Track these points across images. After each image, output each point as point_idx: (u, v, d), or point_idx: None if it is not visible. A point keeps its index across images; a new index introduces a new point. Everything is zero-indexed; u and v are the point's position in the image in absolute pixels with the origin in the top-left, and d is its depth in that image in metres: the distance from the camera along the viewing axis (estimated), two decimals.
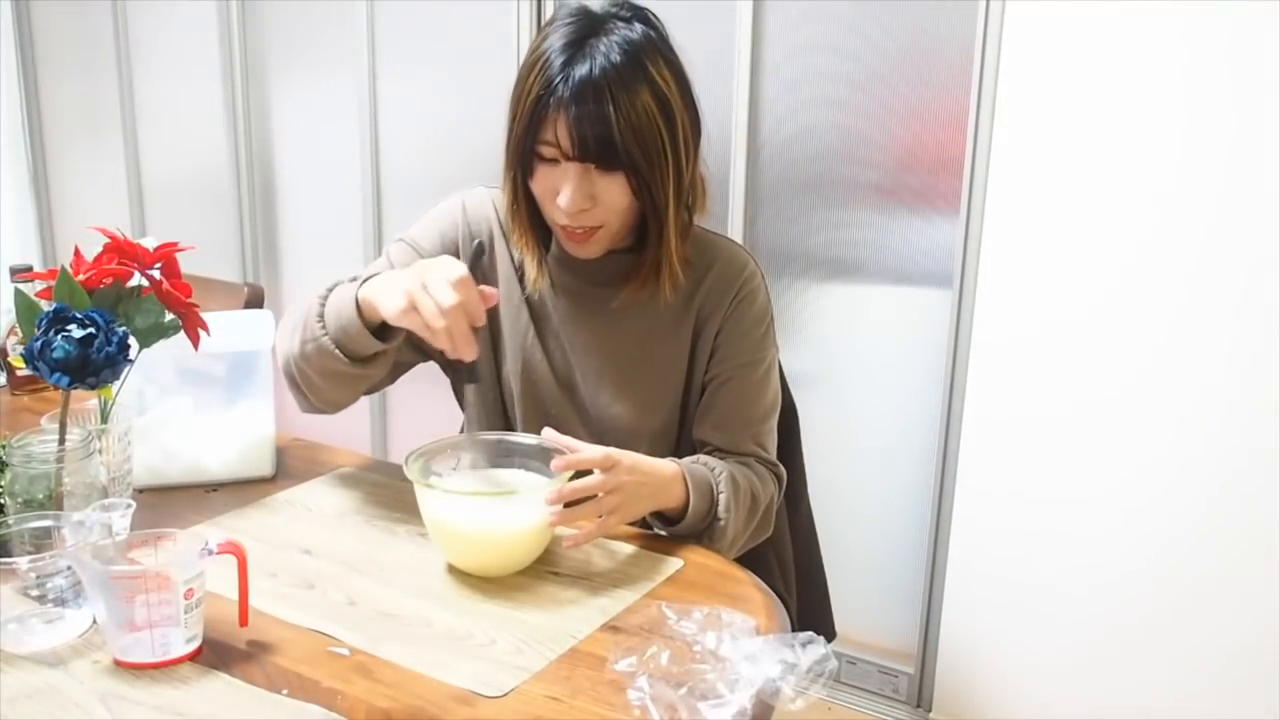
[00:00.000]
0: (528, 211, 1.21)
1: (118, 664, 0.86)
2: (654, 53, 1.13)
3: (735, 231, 2.06)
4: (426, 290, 1.02)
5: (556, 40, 1.12)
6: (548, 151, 1.12)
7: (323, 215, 2.70)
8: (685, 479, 1.13)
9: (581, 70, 1.09)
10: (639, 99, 1.10)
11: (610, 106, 1.09)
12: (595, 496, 1.05)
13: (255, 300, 1.82)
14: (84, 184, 3.14)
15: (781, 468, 1.28)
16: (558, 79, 1.09)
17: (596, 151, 1.10)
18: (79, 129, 3.10)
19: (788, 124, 1.99)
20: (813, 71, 1.95)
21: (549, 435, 1.08)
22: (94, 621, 0.90)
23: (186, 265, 1.07)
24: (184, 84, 2.83)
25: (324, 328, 1.13)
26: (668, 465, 1.14)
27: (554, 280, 1.26)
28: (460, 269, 1.04)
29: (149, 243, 1.03)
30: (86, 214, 3.13)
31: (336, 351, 1.12)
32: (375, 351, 1.13)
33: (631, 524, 1.14)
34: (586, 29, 1.12)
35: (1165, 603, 1.73)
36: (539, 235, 1.23)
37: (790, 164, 2.01)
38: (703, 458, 1.20)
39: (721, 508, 1.15)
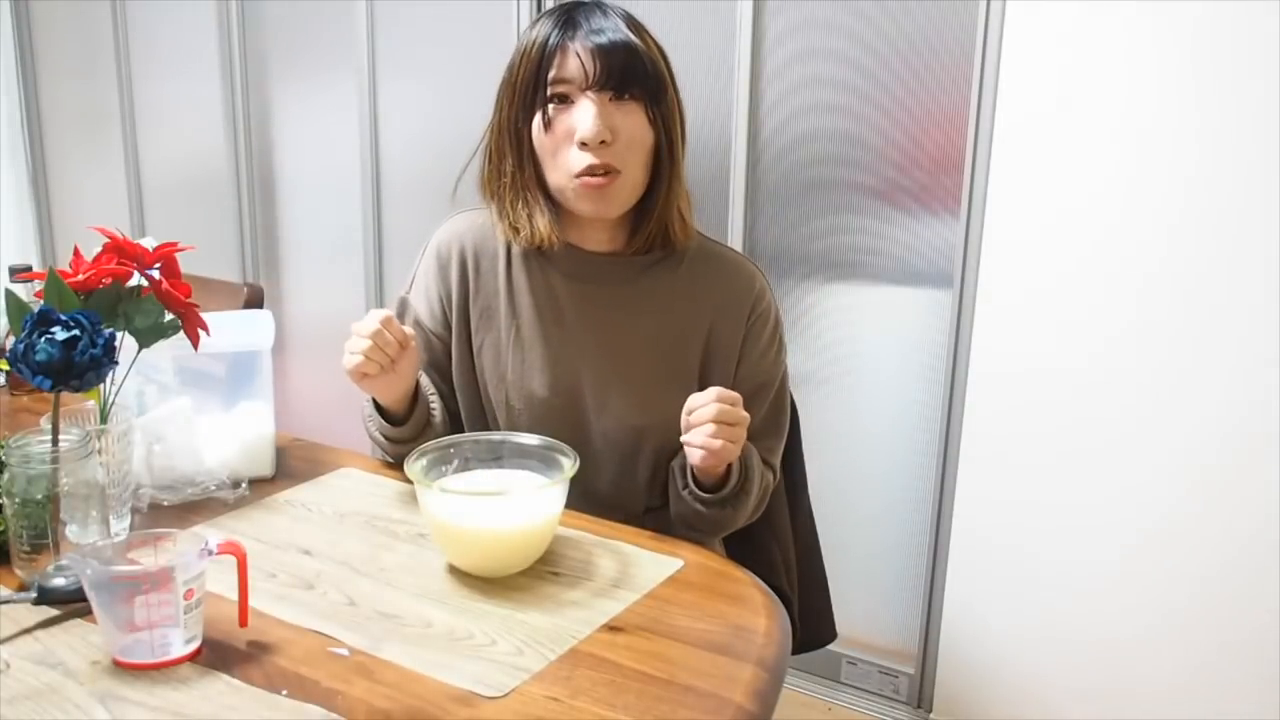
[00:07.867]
0: (535, 177, 1.21)
1: (117, 664, 0.86)
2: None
3: (735, 235, 2.06)
4: (346, 350, 1.13)
5: (544, 20, 1.18)
6: (561, 89, 1.15)
7: (323, 215, 2.69)
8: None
9: (585, 10, 1.16)
10: (646, 33, 1.18)
11: (625, 27, 1.15)
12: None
13: (255, 300, 1.82)
14: (84, 184, 3.14)
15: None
16: (561, 24, 1.15)
17: (617, 70, 1.14)
18: (79, 129, 3.10)
19: (788, 128, 1.99)
20: (813, 74, 1.94)
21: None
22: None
23: (186, 265, 1.07)
24: (184, 84, 2.82)
25: (374, 422, 1.27)
26: None
27: (561, 280, 1.25)
28: (374, 315, 1.13)
29: (149, 243, 1.03)
30: (86, 214, 3.13)
31: (387, 440, 1.26)
32: (409, 425, 1.24)
33: (625, 522, 1.15)
34: (572, 8, 1.18)
35: (1165, 603, 1.73)
36: (546, 193, 1.22)
37: (790, 167, 2.00)
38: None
39: (753, 481, 1.20)
